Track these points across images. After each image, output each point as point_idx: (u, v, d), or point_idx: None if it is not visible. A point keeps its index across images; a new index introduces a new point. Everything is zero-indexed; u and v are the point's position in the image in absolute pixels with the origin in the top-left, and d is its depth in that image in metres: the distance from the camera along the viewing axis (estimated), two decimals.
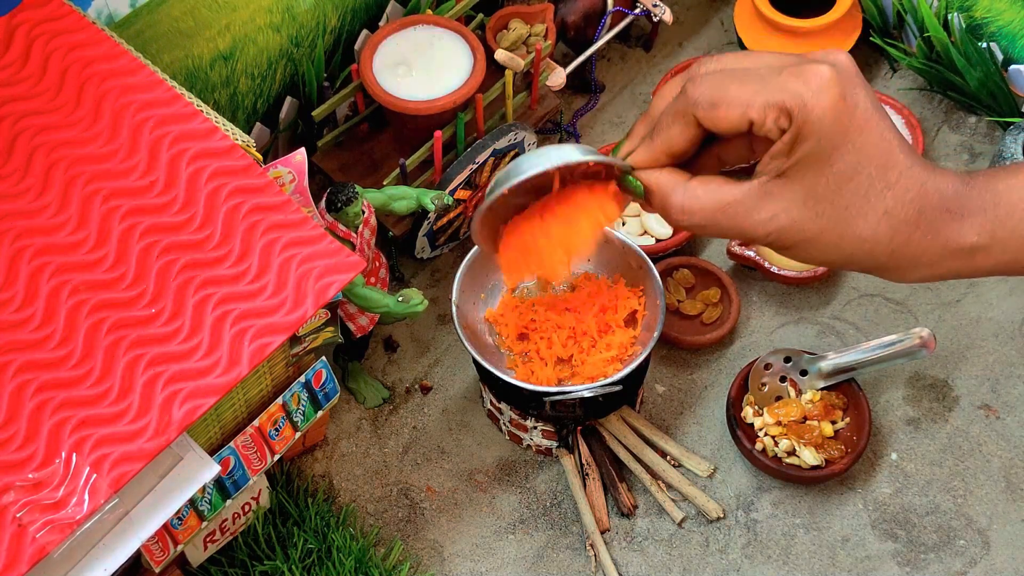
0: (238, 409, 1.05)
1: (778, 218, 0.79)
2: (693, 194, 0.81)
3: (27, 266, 0.91)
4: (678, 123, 0.81)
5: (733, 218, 0.80)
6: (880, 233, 0.78)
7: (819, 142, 0.76)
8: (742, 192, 0.79)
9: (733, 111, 0.77)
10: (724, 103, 0.78)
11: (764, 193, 0.79)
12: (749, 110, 0.77)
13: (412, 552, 1.21)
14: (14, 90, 0.98)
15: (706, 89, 0.79)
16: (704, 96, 0.79)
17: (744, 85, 0.78)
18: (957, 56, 1.40)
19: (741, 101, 0.77)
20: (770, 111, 0.76)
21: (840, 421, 1.23)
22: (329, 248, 0.94)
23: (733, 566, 1.20)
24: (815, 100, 0.75)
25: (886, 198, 0.77)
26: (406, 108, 1.25)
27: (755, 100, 0.77)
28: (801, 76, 0.76)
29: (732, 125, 0.78)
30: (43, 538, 0.83)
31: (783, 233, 0.79)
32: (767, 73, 0.77)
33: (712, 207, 0.80)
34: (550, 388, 1.15)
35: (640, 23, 1.54)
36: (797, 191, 0.78)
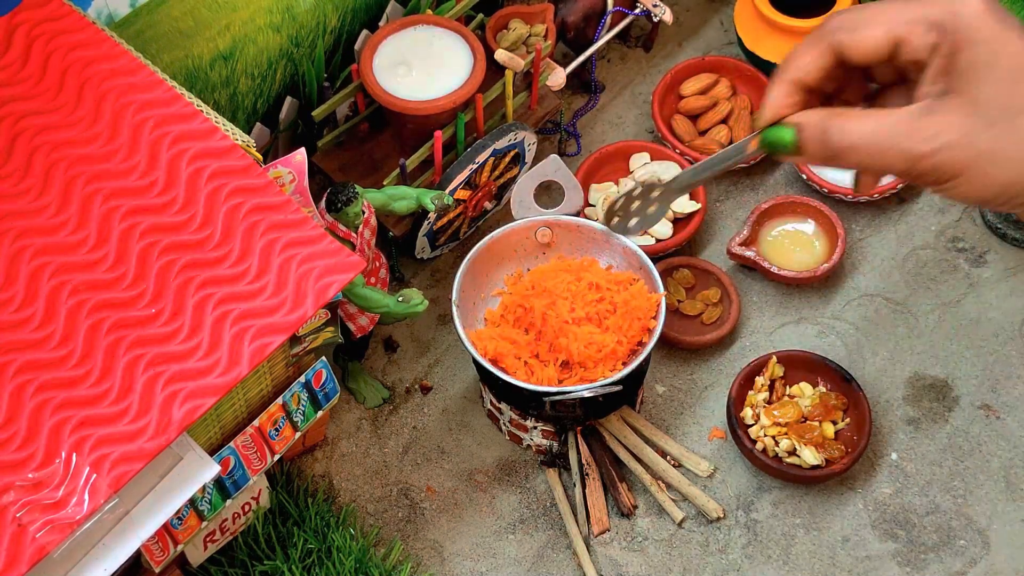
0: (238, 409, 1.05)
1: (945, 132, 0.72)
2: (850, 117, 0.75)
3: (27, 266, 0.91)
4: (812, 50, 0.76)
5: (894, 137, 0.73)
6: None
7: (978, 47, 0.71)
8: (905, 112, 0.73)
9: (878, 30, 0.74)
10: (868, 23, 0.74)
11: (928, 111, 0.73)
12: (895, 27, 0.73)
13: (412, 552, 1.21)
14: (14, 90, 0.98)
15: (847, 15, 0.75)
16: (845, 20, 0.75)
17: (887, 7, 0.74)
18: None
19: (885, 19, 0.74)
20: (918, 26, 0.72)
21: (840, 421, 1.23)
22: (329, 248, 0.94)
23: (733, 566, 1.20)
24: (965, 8, 0.71)
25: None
26: (406, 108, 1.25)
27: (900, 17, 0.73)
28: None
29: (875, 46, 0.74)
30: (43, 538, 0.83)
31: (952, 151, 0.72)
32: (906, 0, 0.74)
33: (873, 126, 0.74)
34: (550, 388, 1.15)
35: (640, 23, 1.54)
36: (964, 103, 0.72)
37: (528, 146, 1.34)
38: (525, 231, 1.25)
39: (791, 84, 0.78)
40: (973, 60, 0.72)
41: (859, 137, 0.75)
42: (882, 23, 0.74)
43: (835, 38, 0.75)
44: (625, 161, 1.41)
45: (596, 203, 1.37)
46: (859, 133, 0.75)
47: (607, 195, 1.37)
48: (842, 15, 0.76)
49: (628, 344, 1.18)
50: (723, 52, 1.54)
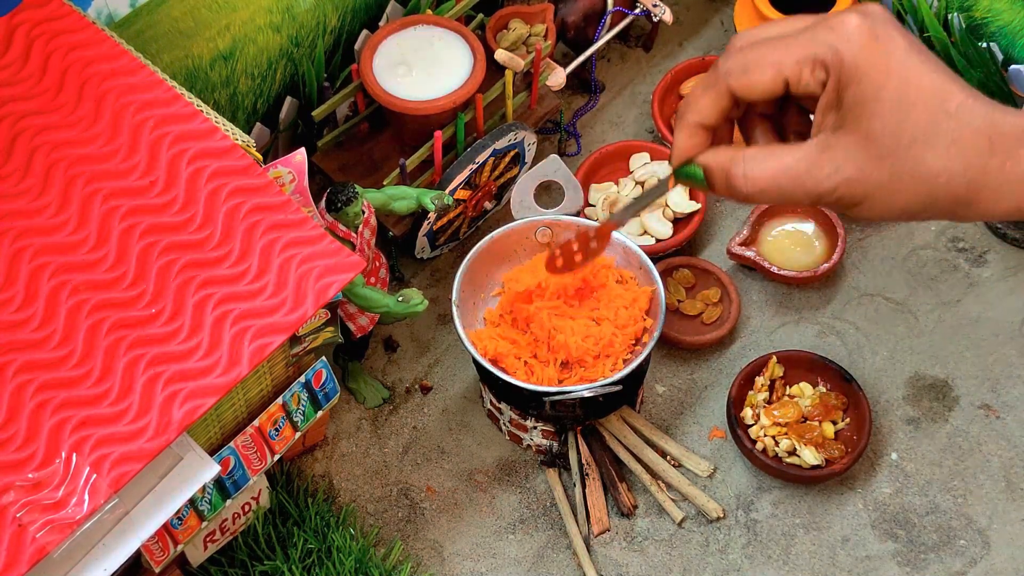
0: (238, 409, 1.05)
1: (842, 169, 0.76)
2: (753, 161, 0.79)
3: (27, 266, 0.91)
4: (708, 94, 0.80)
5: (796, 179, 0.77)
6: (952, 164, 0.74)
7: (862, 84, 0.74)
8: (802, 151, 0.77)
9: (767, 72, 0.76)
10: (756, 66, 0.77)
11: (824, 148, 0.76)
12: (783, 68, 0.76)
13: (412, 552, 1.21)
14: (14, 90, 0.98)
15: (737, 58, 0.78)
16: (735, 64, 0.78)
17: (774, 47, 0.76)
18: (957, 56, 1.40)
19: (772, 61, 0.76)
20: (804, 65, 0.75)
21: (840, 421, 1.23)
22: (329, 248, 0.94)
23: (733, 566, 1.20)
24: (846, 44, 0.74)
25: (951, 128, 0.74)
26: (406, 108, 1.25)
27: (786, 59, 0.76)
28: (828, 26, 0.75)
29: (766, 88, 0.77)
30: (43, 538, 0.83)
31: (850, 184, 0.76)
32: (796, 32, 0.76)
33: (774, 170, 0.78)
34: (550, 388, 1.15)
35: (640, 23, 1.54)
36: (856, 138, 0.75)
37: (528, 146, 1.34)
38: (525, 231, 1.25)
39: (693, 127, 0.82)
40: (859, 96, 0.74)
41: (763, 182, 0.78)
42: (770, 64, 0.76)
43: (727, 82, 0.78)
44: (625, 161, 1.41)
45: (596, 203, 1.37)
46: (762, 178, 0.78)
47: (607, 195, 1.37)
48: (732, 57, 0.78)
49: (625, 338, 1.18)
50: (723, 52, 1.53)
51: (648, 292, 1.20)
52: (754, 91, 0.78)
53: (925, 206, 0.77)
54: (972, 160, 0.74)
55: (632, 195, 1.38)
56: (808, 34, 0.76)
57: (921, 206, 0.76)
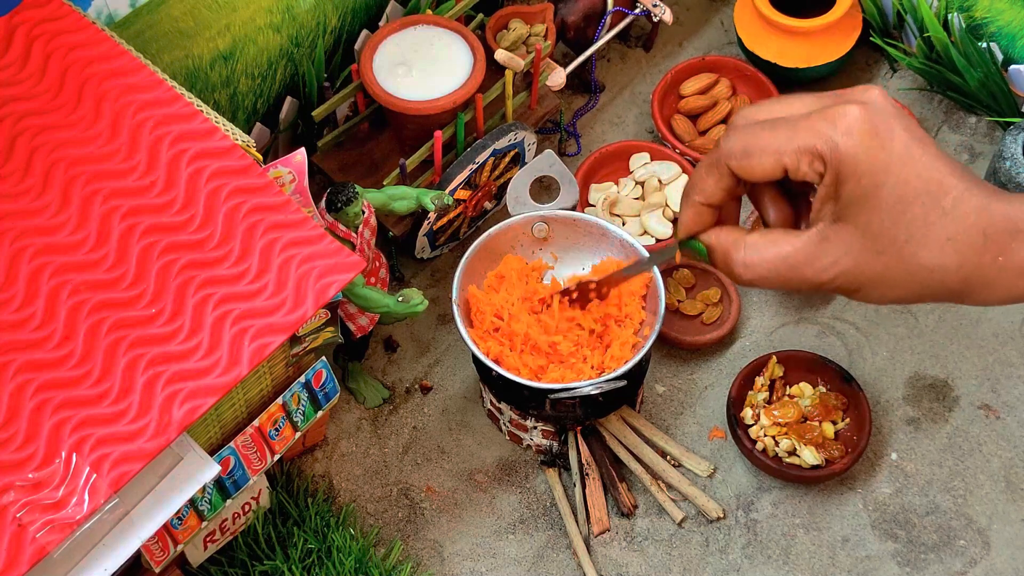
0: (238, 409, 1.05)
1: (840, 262, 0.78)
2: (753, 248, 0.81)
3: (27, 266, 0.91)
4: (712, 175, 0.81)
5: (795, 268, 0.79)
6: (947, 261, 0.76)
7: (860, 180, 0.75)
8: (801, 241, 0.79)
9: (767, 159, 0.77)
10: (756, 151, 0.78)
11: (822, 239, 0.78)
12: (782, 157, 0.77)
13: (412, 552, 1.21)
14: (14, 90, 0.98)
15: (738, 139, 0.79)
16: (736, 146, 0.79)
17: (775, 132, 0.77)
18: (957, 56, 1.40)
19: (772, 148, 0.77)
20: (803, 156, 0.76)
21: (840, 421, 1.23)
22: (329, 248, 0.94)
23: (733, 566, 1.20)
24: (845, 140, 0.75)
25: (946, 225, 0.75)
26: (406, 108, 1.25)
27: (786, 147, 0.76)
28: (829, 118, 0.75)
29: (766, 173, 0.78)
30: (43, 538, 0.83)
31: (848, 276, 0.78)
32: (797, 119, 0.77)
33: (772, 259, 0.80)
34: (552, 385, 1.15)
35: (640, 23, 1.54)
36: (853, 232, 0.77)
37: (528, 146, 1.34)
38: (522, 227, 1.25)
39: (698, 206, 0.84)
40: (857, 192, 0.76)
41: (762, 270, 0.81)
42: (771, 153, 0.77)
43: (728, 164, 0.80)
44: (625, 161, 1.41)
45: (596, 203, 1.37)
46: (761, 267, 0.81)
47: (607, 195, 1.37)
48: (733, 139, 0.80)
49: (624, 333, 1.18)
50: (723, 52, 1.54)
51: (644, 278, 1.20)
52: (753, 174, 0.79)
53: (920, 296, 0.79)
54: (967, 256, 0.76)
55: (632, 195, 1.38)
56: (808, 123, 0.76)
57: (916, 296, 0.78)
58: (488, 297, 1.20)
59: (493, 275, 1.23)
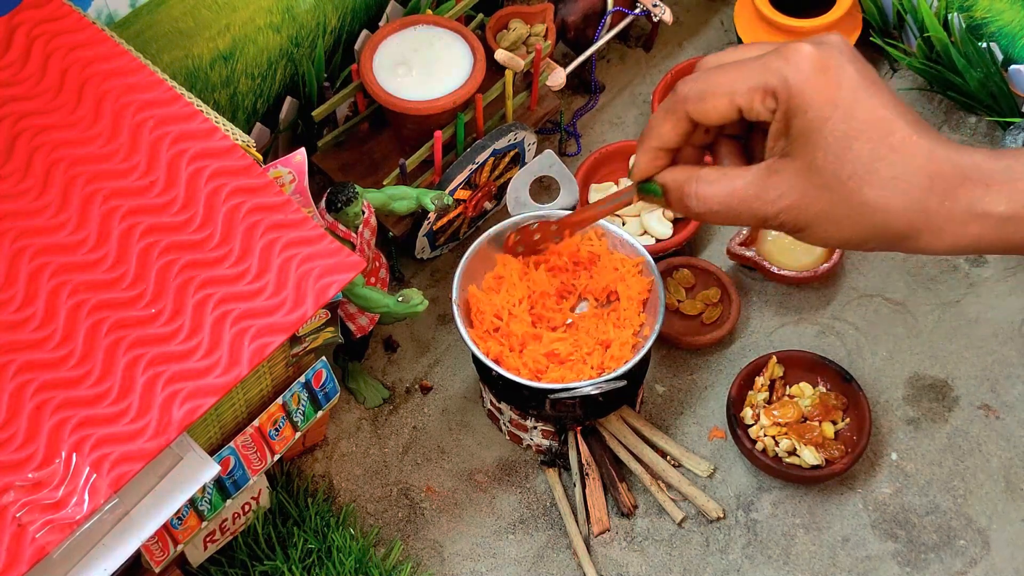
0: (238, 409, 1.05)
1: (785, 196, 0.78)
2: (705, 182, 0.82)
3: (27, 266, 0.91)
4: (668, 119, 0.82)
5: (744, 200, 0.80)
6: (891, 200, 0.76)
7: (807, 114, 0.75)
8: (751, 174, 0.80)
9: (721, 100, 0.78)
10: (711, 94, 0.79)
11: (770, 172, 0.79)
12: (735, 97, 0.78)
13: (412, 552, 1.21)
14: (14, 90, 0.98)
15: (693, 84, 0.80)
16: (692, 91, 0.80)
17: (729, 74, 0.78)
18: (957, 56, 1.40)
19: (726, 89, 0.78)
20: (755, 94, 0.77)
21: (840, 421, 1.23)
22: (329, 248, 0.94)
23: (733, 566, 1.20)
24: (795, 74, 0.75)
25: (892, 163, 0.75)
26: (406, 108, 1.25)
27: (739, 86, 0.77)
28: (782, 55, 0.76)
29: (721, 114, 0.79)
30: (43, 538, 0.83)
31: (794, 211, 0.78)
32: (751, 60, 0.78)
33: (724, 192, 0.81)
34: (552, 385, 1.15)
35: (640, 23, 1.54)
36: (799, 166, 0.77)
37: (528, 146, 1.34)
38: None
39: (655, 151, 0.85)
40: (804, 126, 0.76)
41: (714, 202, 0.81)
42: (724, 93, 0.78)
43: (685, 108, 0.81)
44: (625, 161, 1.41)
45: None
46: (713, 199, 0.82)
47: (607, 195, 1.36)
48: (688, 83, 0.81)
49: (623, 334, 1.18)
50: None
51: (647, 283, 1.20)
52: (709, 117, 0.80)
53: (866, 238, 0.78)
54: (912, 196, 0.76)
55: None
56: (761, 62, 0.77)
57: (862, 238, 0.78)
58: (488, 298, 1.20)
59: (492, 276, 1.23)
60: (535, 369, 1.18)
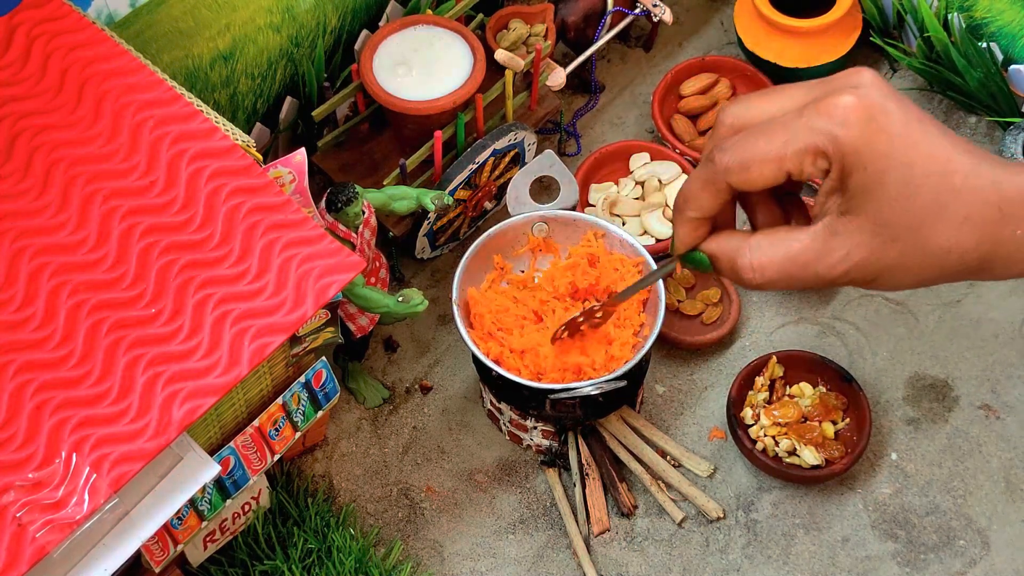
0: (238, 409, 1.05)
1: (852, 254, 0.75)
2: (759, 250, 0.78)
3: (27, 266, 0.91)
4: (708, 190, 0.79)
5: (806, 266, 0.77)
6: (964, 240, 0.74)
7: (866, 170, 0.73)
8: (809, 237, 0.76)
9: (768, 168, 0.75)
10: (756, 163, 0.75)
11: (831, 233, 0.76)
12: (784, 163, 0.74)
13: (412, 552, 1.21)
14: (14, 90, 0.98)
15: (734, 155, 0.76)
16: (733, 162, 0.76)
17: (771, 139, 0.75)
18: (957, 56, 1.40)
19: (773, 156, 0.75)
20: (805, 157, 0.74)
21: (840, 421, 1.23)
22: (329, 248, 0.94)
23: (733, 566, 1.20)
24: (845, 132, 0.72)
25: (960, 204, 0.73)
26: (406, 108, 1.25)
27: (786, 151, 0.74)
28: (823, 112, 0.73)
29: (768, 182, 0.76)
30: (43, 538, 0.83)
31: (862, 268, 0.76)
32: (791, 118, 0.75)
33: (782, 259, 0.77)
34: (552, 385, 1.15)
35: (640, 23, 1.54)
36: (864, 223, 0.75)
37: (528, 146, 1.34)
38: (522, 227, 1.25)
39: (695, 222, 0.81)
40: (863, 183, 0.73)
41: (772, 272, 0.78)
42: (771, 161, 0.74)
43: (727, 180, 0.77)
44: (625, 161, 1.41)
45: (596, 203, 1.37)
46: (771, 268, 0.78)
47: (607, 195, 1.37)
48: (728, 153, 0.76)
49: (624, 335, 1.18)
50: (723, 52, 1.54)
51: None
52: (755, 185, 0.77)
53: (938, 278, 0.76)
54: (985, 233, 0.74)
55: (632, 195, 1.38)
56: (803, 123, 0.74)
57: (934, 279, 0.76)
58: (487, 301, 1.20)
59: (490, 277, 1.23)
60: (535, 369, 1.18)
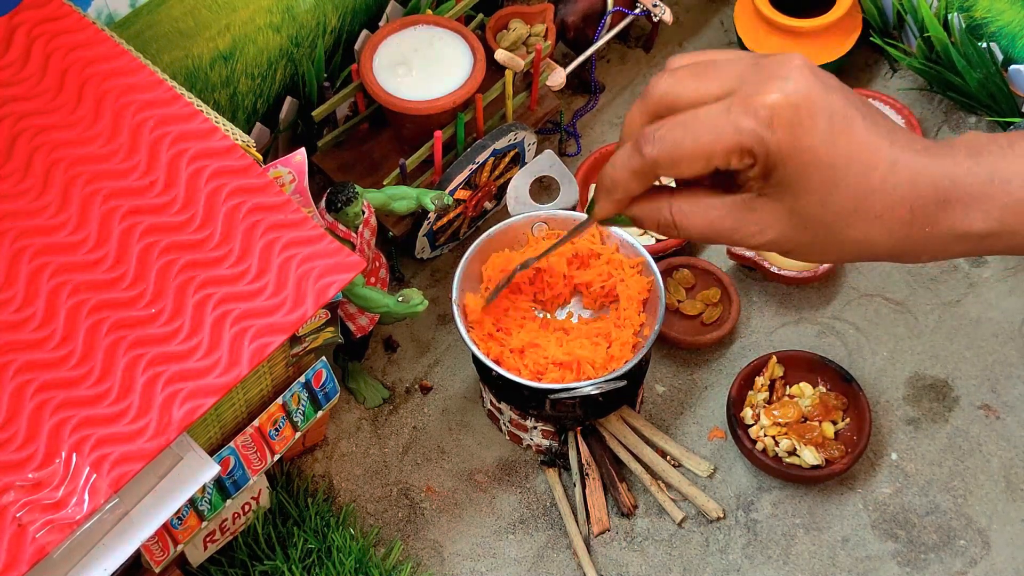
0: (238, 409, 1.05)
1: (766, 232, 0.79)
2: (680, 211, 0.81)
3: (27, 266, 0.91)
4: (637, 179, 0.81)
5: (722, 233, 0.80)
6: (875, 236, 0.77)
7: (787, 168, 0.75)
8: (727, 207, 0.80)
9: (696, 163, 0.77)
10: (685, 159, 0.78)
11: (748, 209, 0.79)
12: (711, 160, 0.77)
13: (412, 552, 1.21)
14: (14, 90, 0.98)
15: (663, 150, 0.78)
16: (663, 156, 0.78)
17: (698, 137, 0.77)
18: (957, 56, 1.40)
19: (700, 154, 0.77)
20: (732, 155, 0.76)
21: (840, 421, 1.23)
22: (329, 248, 0.94)
23: (733, 566, 1.20)
24: (770, 134, 0.74)
25: (874, 202, 0.76)
26: (406, 108, 1.25)
27: (713, 149, 0.76)
28: (751, 110, 0.75)
29: (697, 174, 0.79)
30: (43, 538, 0.83)
31: (776, 244, 0.80)
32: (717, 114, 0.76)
33: (701, 223, 0.81)
34: (552, 385, 1.15)
35: (640, 23, 1.54)
36: (780, 210, 0.78)
37: (528, 146, 1.34)
38: (522, 227, 1.25)
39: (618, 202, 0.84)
40: (784, 178, 0.76)
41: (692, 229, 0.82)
42: (700, 158, 0.77)
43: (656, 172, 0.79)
44: None
45: None
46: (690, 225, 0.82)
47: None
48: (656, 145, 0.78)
49: (624, 335, 1.18)
50: None
51: (647, 283, 1.20)
52: (684, 176, 0.80)
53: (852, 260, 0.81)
54: (895, 231, 0.77)
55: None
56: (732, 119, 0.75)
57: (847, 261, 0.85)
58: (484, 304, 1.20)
59: (489, 278, 1.23)
60: (535, 369, 1.18)
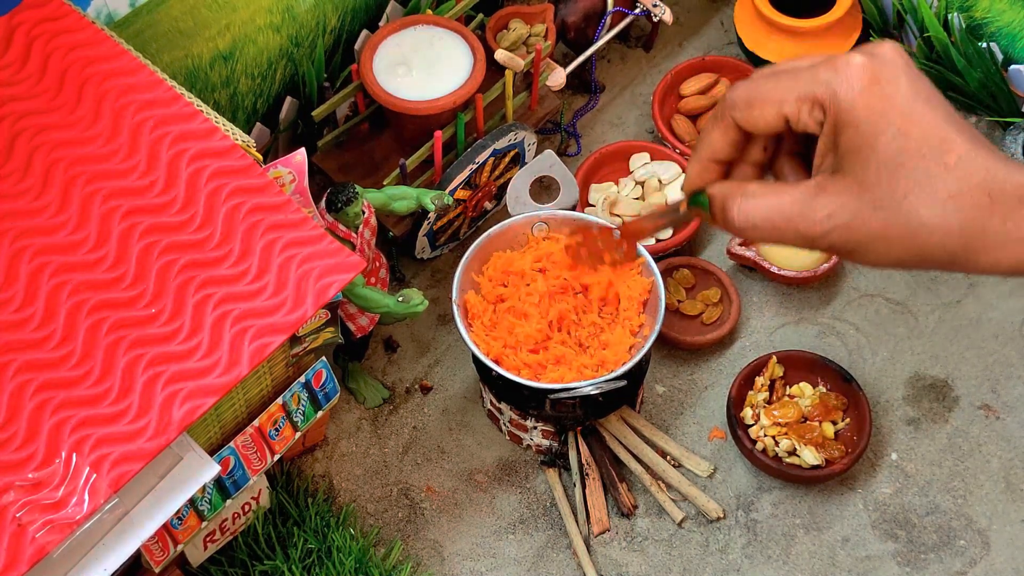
0: (238, 409, 1.05)
1: (835, 215, 0.75)
2: (751, 195, 0.78)
3: (27, 266, 0.91)
4: (717, 127, 0.80)
5: (789, 220, 0.76)
6: (949, 219, 0.73)
7: (858, 129, 0.73)
8: (798, 191, 0.76)
9: (768, 109, 0.76)
10: (759, 102, 0.76)
11: (819, 190, 0.75)
12: (783, 106, 0.75)
13: (412, 552, 1.21)
14: (14, 90, 0.98)
15: (742, 91, 0.77)
16: (740, 97, 0.77)
17: (778, 82, 0.76)
18: (957, 56, 1.40)
19: (775, 98, 0.75)
20: (803, 104, 0.74)
21: (840, 421, 1.23)
22: (329, 248, 0.94)
23: (733, 566, 1.20)
24: (845, 87, 0.73)
25: (948, 182, 0.72)
26: (406, 108, 1.25)
27: (788, 95, 0.75)
28: (832, 66, 0.74)
29: (768, 123, 0.77)
30: (43, 538, 0.83)
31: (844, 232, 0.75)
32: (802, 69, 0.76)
33: (767, 208, 0.77)
34: (552, 385, 1.15)
35: (640, 23, 1.54)
36: (851, 184, 0.74)
37: (528, 146, 1.34)
38: (522, 227, 1.25)
39: (704, 162, 0.82)
40: (854, 142, 0.73)
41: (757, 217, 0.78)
42: (773, 102, 0.76)
43: (732, 115, 0.78)
44: (625, 161, 1.41)
45: (596, 203, 1.37)
46: (756, 214, 0.78)
47: (607, 195, 1.37)
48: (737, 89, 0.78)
49: (623, 334, 1.18)
50: (723, 52, 1.54)
51: (647, 283, 1.20)
52: (756, 125, 0.77)
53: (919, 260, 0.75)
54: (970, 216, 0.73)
55: (632, 195, 1.38)
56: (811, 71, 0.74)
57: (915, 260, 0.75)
58: (487, 294, 1.20)
59: (488, 279, 1.23)
60: (535, 369, 1.18)
